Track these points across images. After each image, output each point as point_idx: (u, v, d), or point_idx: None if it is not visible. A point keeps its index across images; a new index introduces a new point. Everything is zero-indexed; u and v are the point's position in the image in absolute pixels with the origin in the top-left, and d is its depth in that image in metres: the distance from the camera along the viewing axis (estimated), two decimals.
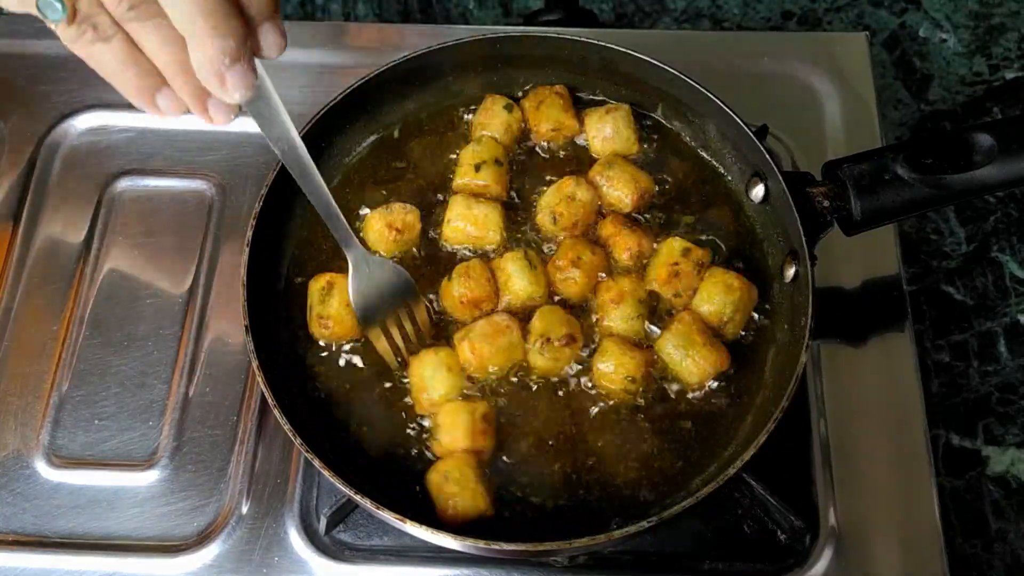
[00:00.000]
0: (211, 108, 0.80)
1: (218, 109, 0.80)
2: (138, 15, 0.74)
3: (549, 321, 1.10)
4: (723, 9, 1.66)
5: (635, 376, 1.08)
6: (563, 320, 1.10)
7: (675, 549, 1.12)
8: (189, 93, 0.78)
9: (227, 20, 0.73)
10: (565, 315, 1.11)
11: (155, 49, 0.76)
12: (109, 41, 0.75)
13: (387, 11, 1.69)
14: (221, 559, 1.12)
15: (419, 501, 1.04)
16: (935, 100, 1.57)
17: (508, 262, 1.13)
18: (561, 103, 1.24)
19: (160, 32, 0.75)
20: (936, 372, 1.34)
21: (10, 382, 1.22)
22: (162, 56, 0.76)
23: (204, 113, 0.80)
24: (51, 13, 0.73)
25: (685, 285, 1.12)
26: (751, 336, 1.13)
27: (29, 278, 1.29)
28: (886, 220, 1.13)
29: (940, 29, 1.63)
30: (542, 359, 1.09)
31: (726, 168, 1.24)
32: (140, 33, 0.75)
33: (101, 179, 1.36)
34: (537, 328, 1.09)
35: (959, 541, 1.24)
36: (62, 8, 0.73)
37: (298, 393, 1.10)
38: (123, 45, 0.76)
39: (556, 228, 1.16)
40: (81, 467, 1.17)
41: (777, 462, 1.10)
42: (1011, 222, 1.45)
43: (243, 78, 0.75)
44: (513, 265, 1.13)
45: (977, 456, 1.29)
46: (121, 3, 0.73)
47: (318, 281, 1.13)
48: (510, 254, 1.14)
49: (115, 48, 0.76)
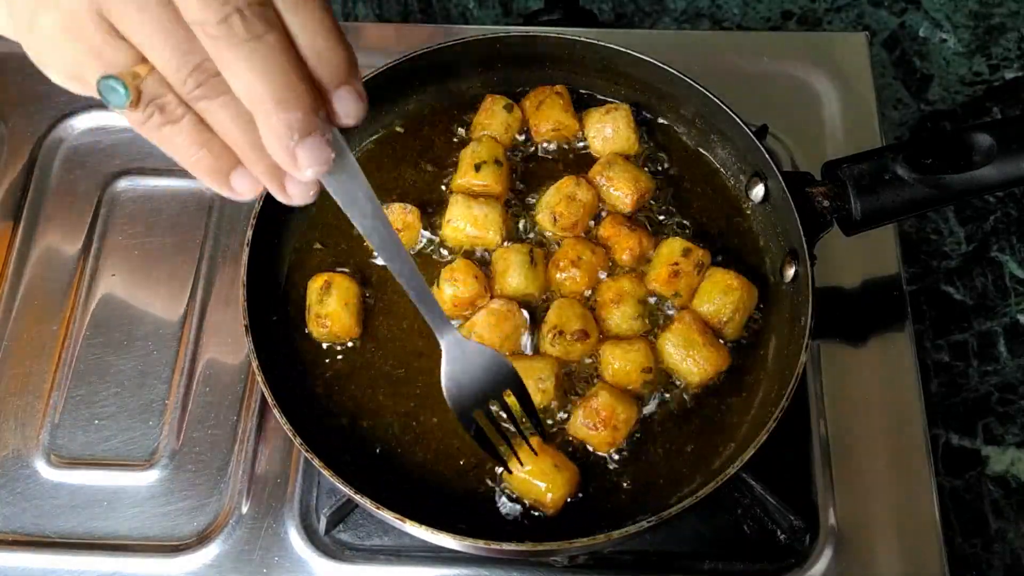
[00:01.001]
0: (289, 186, 0.73)
1: (297, 187, 0.73)
2: (205, 92, 0.68)
3: (565, 315, 1.10)
4: (723, 9, 1.66)
5: (650, 366, 1.08)
6: (579, 315, 1.10)
7: (675, 549, 1.12)
8: (264, 171, 0.72)
9: (294, 90, 0.67)
10: (582, 310, 1.11)
11: (225, 127, 0.70)
12: (178, 123, 0.70)
13: (387, 11, 1.69)
14: (221, 559, 1.12)
15: (419, 500, 1.04)
16: (935, 100, 1.57)
17: (511, 252, 1.13)
18: (561, 103, 1.23)
19: (229, 109, 0.69)
20: (936, 372, 1.34)
21: (10, 382, 1.22)
22: (233, 134, 0.70)
23: (282, 192, 0.73)
24: (114, 99, 0.67)
25: (685, 285, 1.12)
26: (751, 336, 1.13)
27: (29, 278, 1.29)
28: (886, 220, 1.13)
29: (940, 29, 1.63)
30: (552, 350, 1.09)
31: (726, 168, 1.24)
32: (209, 111, 0.69)
33: (101, 179, 1.36)
34: (551, 320, 1.09)
35: (958, 541, 1.24)
36: (125, 93, 0.67)
37: (298, 393, 1.10)
38: (193, 126, 0.70)
39: (556, 228, 1.16)
40: (81, 467, 1.17)
41: (777, 462, 1.11)
42: (1011, 222, 1.45)
43: (316, 153, 0.69)
44: (515, 256, 1.13)
45: (977, 456, 1.29)
46: (187, 81, 0.67)
47: (316, 281, 1.13)
48: (516, 246, 1.14)
49: (185, 129, 0.70)
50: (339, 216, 1.18)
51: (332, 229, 1.20)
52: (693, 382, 1.10)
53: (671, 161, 1.25)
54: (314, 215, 1.20)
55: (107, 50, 0.67)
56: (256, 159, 0.71)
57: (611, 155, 1.21)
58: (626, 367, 1.08)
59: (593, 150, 1.24)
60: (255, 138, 0.69)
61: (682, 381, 1.10)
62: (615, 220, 1.17)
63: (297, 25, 0.67)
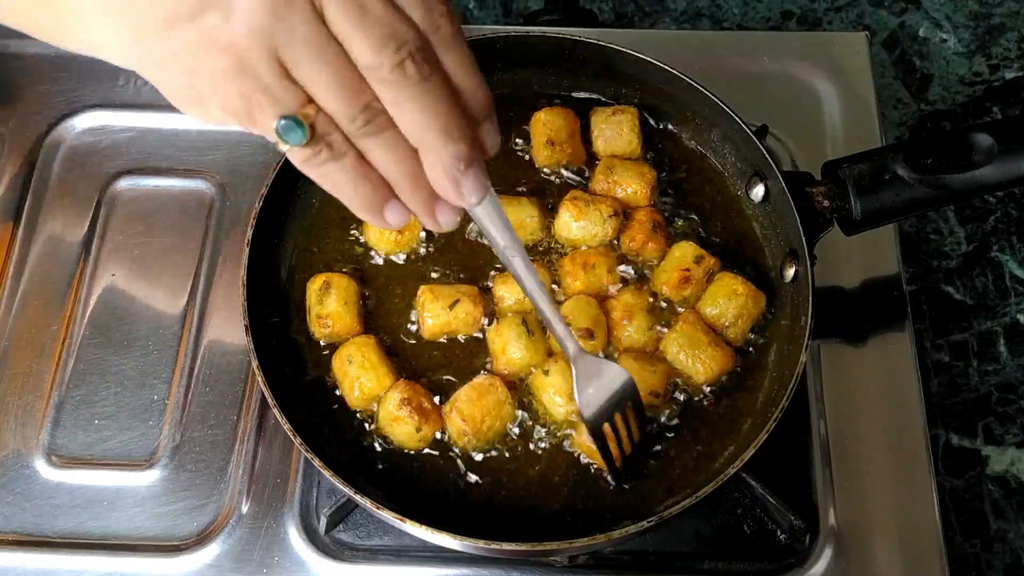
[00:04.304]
0: (440, 214, 0.78)
1: (447, 215, 0.79)
2: (371, 130, 0.72)
3: (577, 311, 1.09)
4: (723, 9, 1.66)
5: (659, 391, 1.07)
6: (589, 315, 1.09)
7: (675, 549, 1.12)
8: (418, 202, 0.77)
9: (458, 125, 0.72)
10: (596, 311, 1.10)
11: (386, 162, 0.74)
12: (342, 159, 0.73)
13: None
14: (221, 559, 1.12)
15: (419, 500, 1.04)
16: (935, 100, 1.57)
17: (505, 328, 1.09)
18: (568, 127, 1.22)
19: (391, 145, 0.73)
20: (936, 372, 1.34)
21: (10, 382, 1.22)
22: (393, 169, 0.74)
23: (432, 220, 0.79)
24: (293, 138, 0.71)
25: (694, 292, 1.12)
26: (751, 336, 1.13)
27: (29, 278, 1.29)
28: (886, 220, 1.13)
29: (940, 29, 1.63)
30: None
31: (726, 168, 1.24)
32: (373, 148, 0.73)
33: (101, 179, 1.36)
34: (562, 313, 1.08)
35: (959, 541, 1.24)
36: (303, 133, 0.71)
37: (298, 393, 1.10)
38: (355, 161, 0.74)
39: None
40: (81, 467, 1.17)
41: (777, 462, 1.11)
42: (1011, 222, 1.45)
43: (478, 181, 0.75)
44: (510, 332, 1.08)
45: (977, 456, 1.29)
46: (356, 120, 0.71)
47: (315, 281, 1.13)
48: (506, 320, 1.10)
49: (348, 166, 0.74)
50: (339, 215, 1.20)
51: (332, 229, 1.20)
52: (700, 382, 1.09)
53: (670, 161, 1.25)
54: (314, 215, 1.20)
55: (279, 91, 0.70)
56: (412, 190, 0.76)
57: (608, 159, 1.21)
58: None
59: (595, 149, 1.24)
60: (414, 171, 0.74)
61: (686, 382, 1.10)
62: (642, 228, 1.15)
63: (451, 65, 0.73)
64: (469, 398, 1.05)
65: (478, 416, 1.04)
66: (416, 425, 1.04)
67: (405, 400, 1.04)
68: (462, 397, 1.05)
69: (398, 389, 1.05)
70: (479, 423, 1.04)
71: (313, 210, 1.20)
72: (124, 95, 1.41)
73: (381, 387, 1.07)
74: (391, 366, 1.08)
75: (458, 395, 1.06)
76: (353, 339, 1.10)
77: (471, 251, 1.18)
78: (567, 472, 1.07)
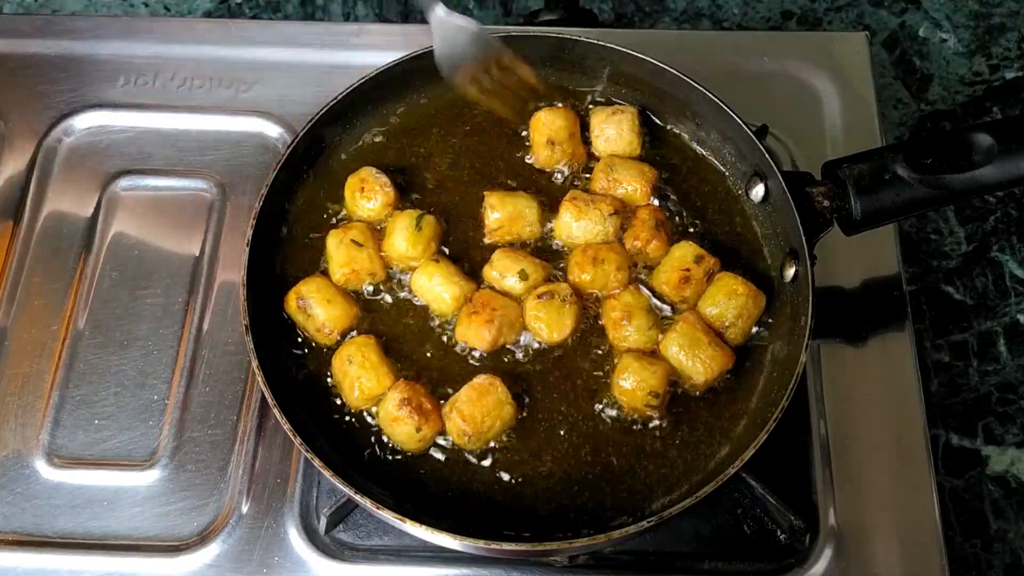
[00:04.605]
0: None
1: None
2: None
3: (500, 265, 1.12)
4: (723, 9, 1.67)
5: (658, 391, 1.07)
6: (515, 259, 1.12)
7: (675, 549, 1.12)
8: None
9: None
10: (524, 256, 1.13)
11: None
12: None
13: (388, 11, 1.69)
14: (221, 559, 1.12)
15: (419, 500, 1.04)
16: (935, 100, 1.57)
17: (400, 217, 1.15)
18: (568, 127, 1.22)
19: None
20: (936, 372, 1.34)
21: (10, 382, 1.22)
22: None
23: None
24: None
25: (693, 292, 1.12)
26: (751, 336, 1.13)
27: (29, 278, 1.29)
28: (886, 220, 1.13)
29: (940, 29, 1.63)
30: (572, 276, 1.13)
31: (726, 168, 1.24)
32: None
33: (101, 179, 1.36)
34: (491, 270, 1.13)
35: (959, 541, 1.24)
36: None
37: (298, 393, 1.10)
38: None
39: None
40: (81, 467, 1.17)
41: (777, 462, 1.11)
42: (1011, 222, 1.45)
43: None
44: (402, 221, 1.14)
45: (977, 456, 1.29)
46: None
47: (290, 303, 1.12)
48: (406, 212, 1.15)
49: None
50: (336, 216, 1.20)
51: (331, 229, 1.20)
52: (699, 382, 1.09)
53: (670, 161, 1.25)
54: (314, 215, 1.20)
55: None
56: None
57: (608, 157, 1.21)
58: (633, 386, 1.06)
59: (595, 148, 1.24)
60: None
61: (687, 381, 1.10)
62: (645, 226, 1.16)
63: None
64: (469, 398, 1.05)
65: (478, 416, 1.04)
66: (416, 425, 1.04)
67: (405, 400, 1.05)
68: (462, 397, 1.05)
69: (398, 389, 1.05)
70: (479, 423, 1.04)
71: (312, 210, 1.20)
72: (124, 95, 1.41)
73: (381, 387, 1.07)
74: (391, 366, 1.08)
75: (458, 395, 1.06)
76: (353, 339, 1.10)
77: None
78: (567, 472, 1.07)
